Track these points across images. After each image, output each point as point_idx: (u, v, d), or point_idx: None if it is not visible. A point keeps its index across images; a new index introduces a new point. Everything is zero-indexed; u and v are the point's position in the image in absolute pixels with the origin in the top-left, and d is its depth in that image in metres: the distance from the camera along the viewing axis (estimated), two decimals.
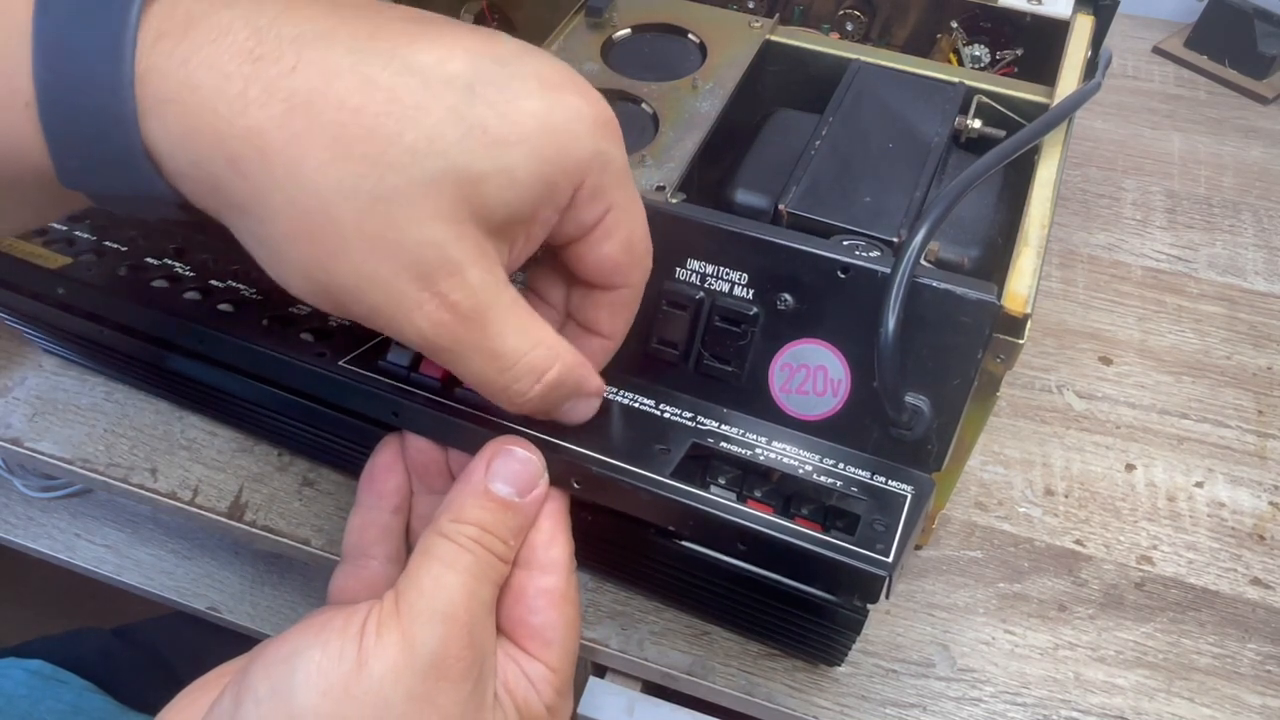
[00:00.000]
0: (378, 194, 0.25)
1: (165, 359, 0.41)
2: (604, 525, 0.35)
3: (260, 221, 0.25)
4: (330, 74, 0.24)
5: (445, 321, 0.26)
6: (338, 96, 0.24)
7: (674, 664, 0.41)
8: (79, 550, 0.63)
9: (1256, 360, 0.54)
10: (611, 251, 0.30)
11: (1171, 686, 0.41)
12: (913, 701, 0.41)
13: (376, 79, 0.25)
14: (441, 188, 0.25)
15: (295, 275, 0.26)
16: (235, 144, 0.24)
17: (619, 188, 0.29)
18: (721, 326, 0.35)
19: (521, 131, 0.26)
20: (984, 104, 0.43)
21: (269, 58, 0.24)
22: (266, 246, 0.26)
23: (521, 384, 0.29)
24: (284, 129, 0.24)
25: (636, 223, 0.30)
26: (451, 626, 0.28)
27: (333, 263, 0.25)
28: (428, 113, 0.25)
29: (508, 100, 0.26)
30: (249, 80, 0.24)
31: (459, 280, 0.26)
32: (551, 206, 0.28)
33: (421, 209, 0.25)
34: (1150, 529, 0.47)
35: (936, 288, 0.32)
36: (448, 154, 0.25)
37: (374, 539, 0.35)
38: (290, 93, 0.24)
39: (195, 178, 0.25)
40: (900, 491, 0.33)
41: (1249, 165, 0.66)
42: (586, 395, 0.32)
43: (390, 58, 0.25)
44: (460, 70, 0.26)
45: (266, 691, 0.27)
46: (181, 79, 0.24)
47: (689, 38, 0.46)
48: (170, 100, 0.24)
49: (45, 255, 0.42)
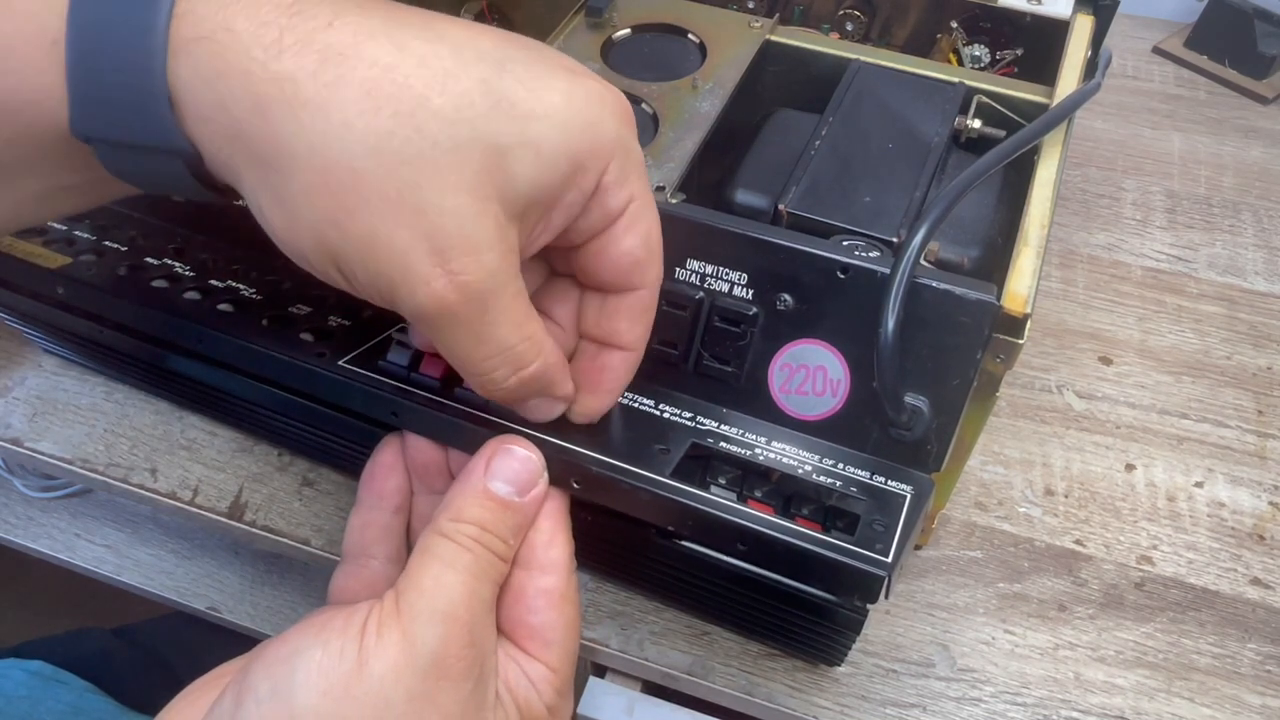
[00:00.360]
0: (403, 154, 0.25)
1: (165, 359, 0.41)
2: (604, 525, 0.35)
3: (279, 172, 0.25)
4: (365, 34, 0.25)
5: (449, 299, 0.26)
6: (371, 54, 0.25)
7: (674, 664, 0.41)
8: (79, 550, 0.63)
9: (1256, 360, 0.54)
10: (633, 246, 0.30)
11: (1171, 686, 0.41)
12: (913, 701, 0.41)
13: (409, 44, 0.25)
14: (468, 157, 0.25)
15: (305, 233, 0.26)
16: (265, 86, 0.24)
17: (639, 178, 0.29)
18: (721, 327, 0.35)
19: (549, 107, 0.26)
20: (984, 104, 0.43)
21: (307, 13, 0.25)
22: (280, 200, 0.26)
23: (499, 373, 0.29)
24: (315, 78, 0.24)
25: (654, 217, 0.30)
26: (452, 626, 0.28)
27: (348, 221, 0.25)
28: (457, 80, 0.25)
29: (535, 77, 0.26)
30: (285, 30, 0.24)
31: (475, 259, 0.26)
32: (577, 190, 0.28)
33: (446, 177, 0.25)
34: (1150, 529, 0.47)
35: (936, 288, 0.32)
36: (475, 123, 0.25)
37: (374, 539, 0.35)
38: (325, 45, 0.24)
39: (218, 122, 0.25)
40: (900, 492, 0.33)
41: (1249, 165, 0.66)
42: (554, 398, 0.32)
43: (423, 29, 0.26)
44: (490, 48, 0.26)
45: (267, 691, 0.27)
46: (219, 21, 0.24)
47: (689, 38, 0.46)
48: (204, 39, 0.24)
49: (45, 255, 0.42)
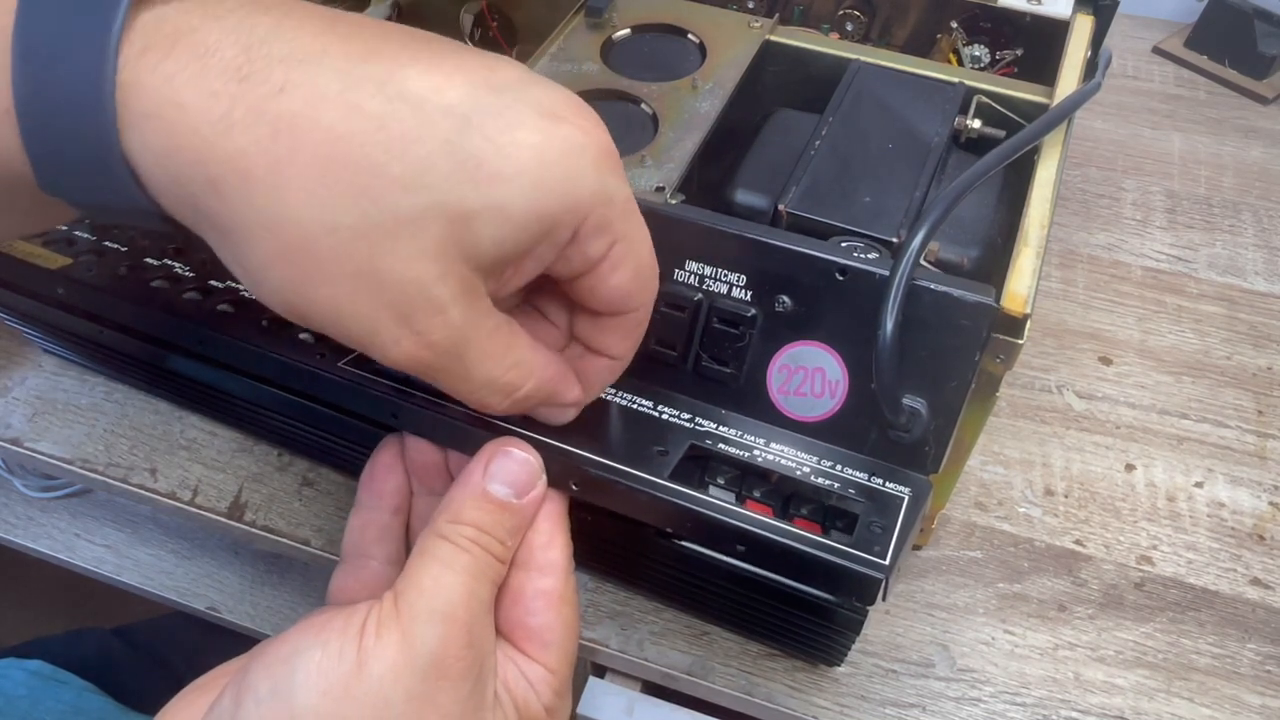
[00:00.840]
0: (360, 229, 0.24)
1: (165, 359, 0.41)
2: (603, 526, 0.35)
3: (239, 245, 0.25)
4: (318, 99, 0.24)
5: (422, 356, 0.26)
6: (325, 123, 0.24)
7: (674, 664, 0.41)
8: (79, 550, 0.63)
9: (1256, 360, 0.54)
10: (620, 282, 0.29)
11: (1171, 686, 0.41)
12: (912, 701, 0.41)
13: (365, 106, 0.24)
14: (427, 224, 0.24)
15: (273, 298, 0.26)
16: (216, 166, 0.24)
17: (623, 220, 0.28)
18: (720, 328, 0.35)
19: (517, 166, 0.25)
20: (984, 104, 0.43)
21: (256, 77, 0.23)
22: (245, 269, 0.26)
23: (492, 400, 0.29)
24: (267, 154, 0.23)
25: (643, 250, 0.29)
26: (451, 626, 0.28)
27: (311, 291, 0.25)
28: (419, 143, 0.24)
29: (503, 131, 0.25)
30: (234, 100, 0.23)
31: (440, 320, 0.26)
32: (549, 243, 0.27)
33: (406, 246, 0.24)
34: (1150, 529, 0.47)
35: (934, 290, 0.32)
36: (437, 188, 0.24)
37: (373, 539, 0.35)
38: (276, 116, 0.23)
39: (175, 195, 0.25)
40: (898, 493, 0.33)
41: (1249, 165, 0.66)
42: (562, 405, 0.32)
43: (383, 84, 0.24)
44: (457, 100, 0.25)
45: (267, 691, 0.27)
46: (166, 95, 0.23)
47: (689, 38, 0.46)
48: (152, 115, 0.23)
49: (45, 255, 0.43)
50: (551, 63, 0.45)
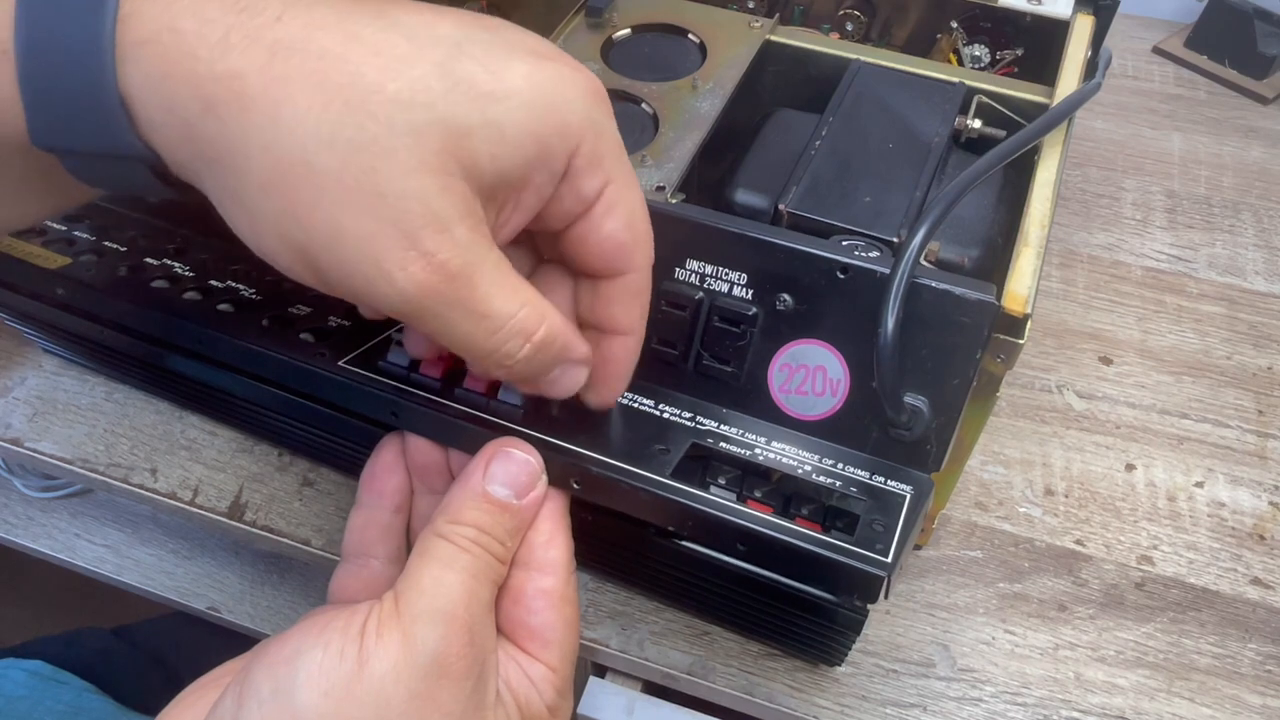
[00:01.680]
0: (358, 143, 0.24)
1: (165, 359, 0.41)
2: (604, 525, 0.35)
3: (234, 172, 0.25)
4: (315, 25, 0.24)
5: (431, 282, 0.25)
6: (321, 45, 0.24)
7: (674, 664, 0.41)
8: (79, 550, 0.63)
9: (1256, 360, 0.54)
10: (614, 230, 0.29)
11: (1172, 686, 0.41)
12: (913, 701, 0.41)
13: (361, 33, 0.25)
14: (426, 139, 0.24)
15: (269, 233, 0.25)
16: (213, 86, 0.24)
17: (615, 160, 0.28)
18: (721, 327, 0.35)
19: (510, 87, 0.25)
20: (984, 104, 0.43)
21: (254, 8, 0.24)
22: (240, 200, 0.25)
23: (511, 344, 0.28)
24: (264, 74, 0.24)
25: (636, 200, 0.29)
26: (451, 626, 0.28)
27: (309, 216, 0.25)
28: (412, 65, 0.25)
29: (495, 59, 0.26)
30: (232, 27, 0.24)
31: (446, 237, 0.25)
32: (545, 171, 0.27)
33: (405, 160, 0.24)
34: (1150, 529, 0.47)
35: (935, 288, 0.32)
36: (433, 105, 0.24)
37: (374, 539, 0.35)
38: (273, 40, 0.24)
39: (169, 125, 0.25)
40: (899, 492, 0.33)
41: (1249, 165, 0.66)
42: (574, 362, 0.31)
43: (377, 16, 0.25)
44: (448, 31, 0.26)
45: (269, 691, 0.27)
46: (164, 22, 0.24)
47: (689, 38, 0.46)
48: (149, 41, 0.24)
49: (45, 255, 0.42)
50: None
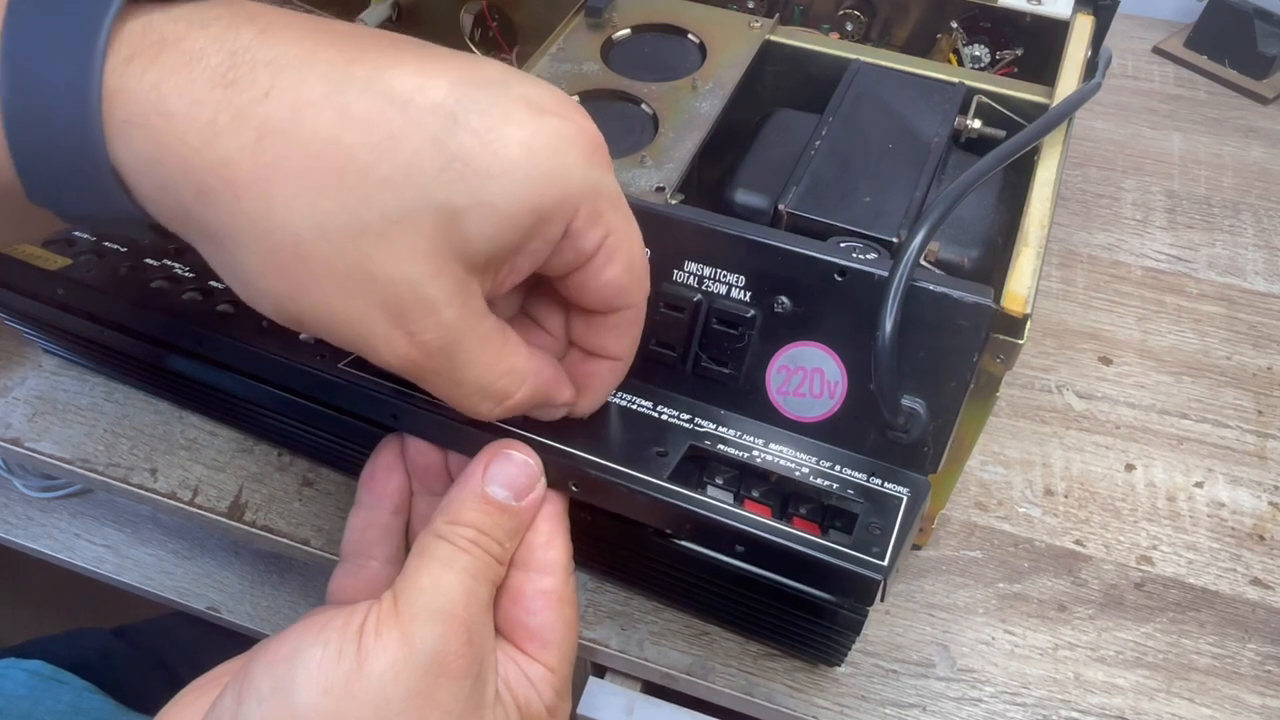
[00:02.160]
0: (350, 230, 0.24)
1: (165, 359, 0.41)
2: (603, 526, 0.35)
3: (229, 252, 0.25)
4: (304, 102, 0.24)
5: (414, 356, 0.26)
6: (311, 126, 0.24)
7: (674, 664, 0.41)
8: (79, 550, 0.63)
9: (1256, 360, 0.54)
10: (614, 276, 0.29)
11: (1171, 687, 0.41)
12: (913, 701, 0.41)
13: (351, 108, 0.24)
14: (418, 223, 0.24)
15: (264, 303, 0.26)
16: (204, 175, 0.24)
17: (614, 211, 0.28)
18: (719, 329, 0.35)
19: (506, 162, 0.25)
20: (984, 104, 0.43)
21: (242, 83, 0.23)
22: (237, 276, 0.26)
23: (484, 406, 0.29)
24: (254, 160, 0.23)
25: (634, 244, 0.29)
26: (450, 625, 0.28)
27: (303, 296, 0.25)
28: (405, 143, 0.24)
29: (491, 128, 0.25)
30: (220, 107, 0.23)
31: (433, 320, 0.26)
32: (541, 239, 0.27)
33: (397, 246, 0.24)
34: (1150, 529, 0.47)
35: (933, 291, 0.32)
36: (425, 187, 0.24)
37: (374, 539, 0.35)
38: (262, 121, 0.23)
39: (164, 203, 0.25)
40: (896, 494, 0.33)
41: (1249, 165, 0.66)
42: (556, 406, 0.32)
43: (367, 85, 0.24)
44: (442, 98, 0.25)
45: (269, 690, 0.27)
46: (152, 103, 0.23)
47: (689, 38, 0.46)
48: (139, 125, 0.23)
49: (45, 256, 0.43)
50: (551, 63, 0.45)
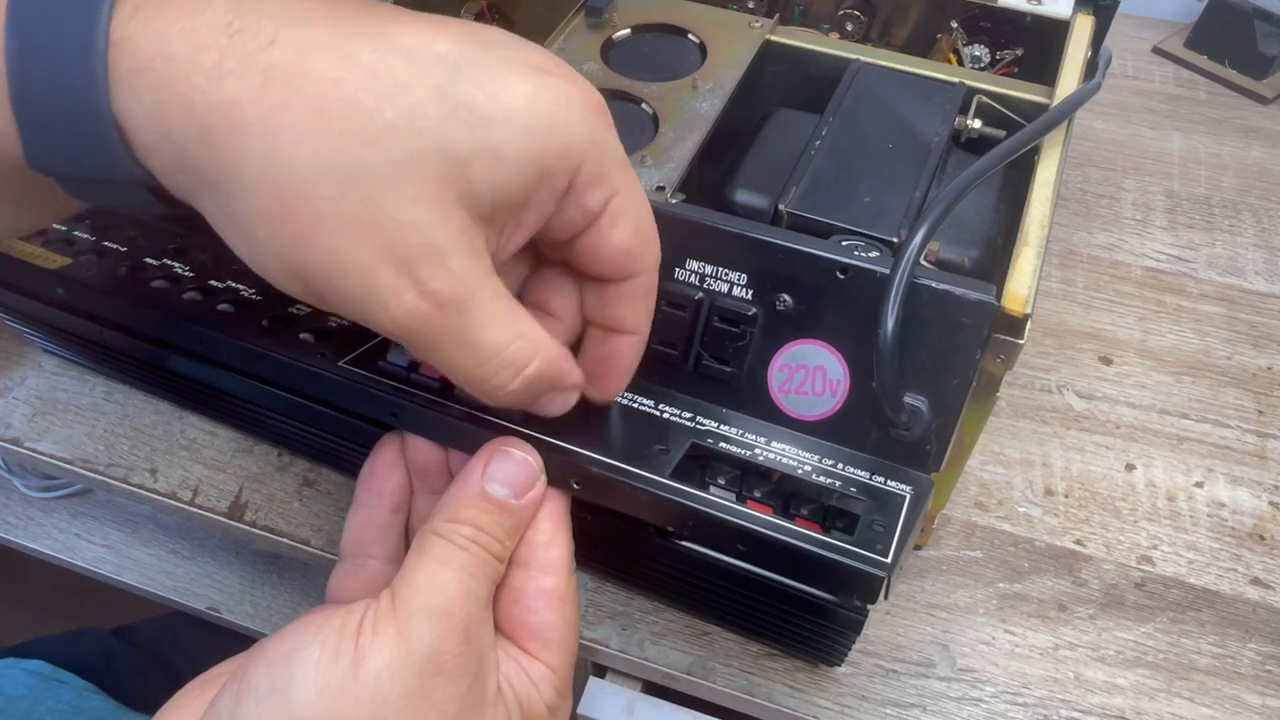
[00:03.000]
0: (356, 171, 0.24)
1: (165, 359, 0.41)
2: (604, 525, 0.35)
3: (231, 198, 0.25)
4: (310, 49, 0.24)
5: (423, 311, 0.25)
6: (317, 71, 0.24)
7: (674, 664, 0.41)
8: (79, 550, 0.63)
9: (1256, 360, 0.54)
10: (623, 238, 0.29)
11: (1171, 686, 0.41)
12: (913, 701, 0.41)
13: (357, 55, 0.24)
14: (424, 167, 0.24)
15: (267, 257, 0.25)
16: (208, 114, 0.23)
17: (619, 171, 0.28)
18: (720, 327, 0.35)
19: (509, 110, 0.25)
20: (984, 104, 0.43)
21: (247, 31, 0.24)
22: (237, 225, 0.25)
23: (500, 378, 0.28)
24: (259, 101, 0.23)
25: (642, 206, 0.29)
26: (447, 623, 0.28)
27: (306, 243, 0.25)
28: (409, 90, 0.24)
29: (495, 80, 0.25)
30: (225, 52, 0.23)
31: (441, 267, 0.25)
32: (546, 191, 0.27)
33: (403, 189, 0.24)
34: (1150, 529, 0.47)
35: (935, 288, 0.32)
36: (431, 132, 0.24)
37: (373, 538, 0.35)
38: (267, 66, 0.23)
39: (165, 152, 0.24)
40: (899, 492, 0.33)
41: (1249, 165, 0.66)
42: (565, 389, 0.31)
43: (373, 37, 0.25)
44: (446, 50, 0.25)
45: (266, 688, 0.27)
46: (156, 49, 0.23)
47: (689, 38, 0.46)
48: (143, 69, 0.23)
49: (45, 255, 0.42)
50: None
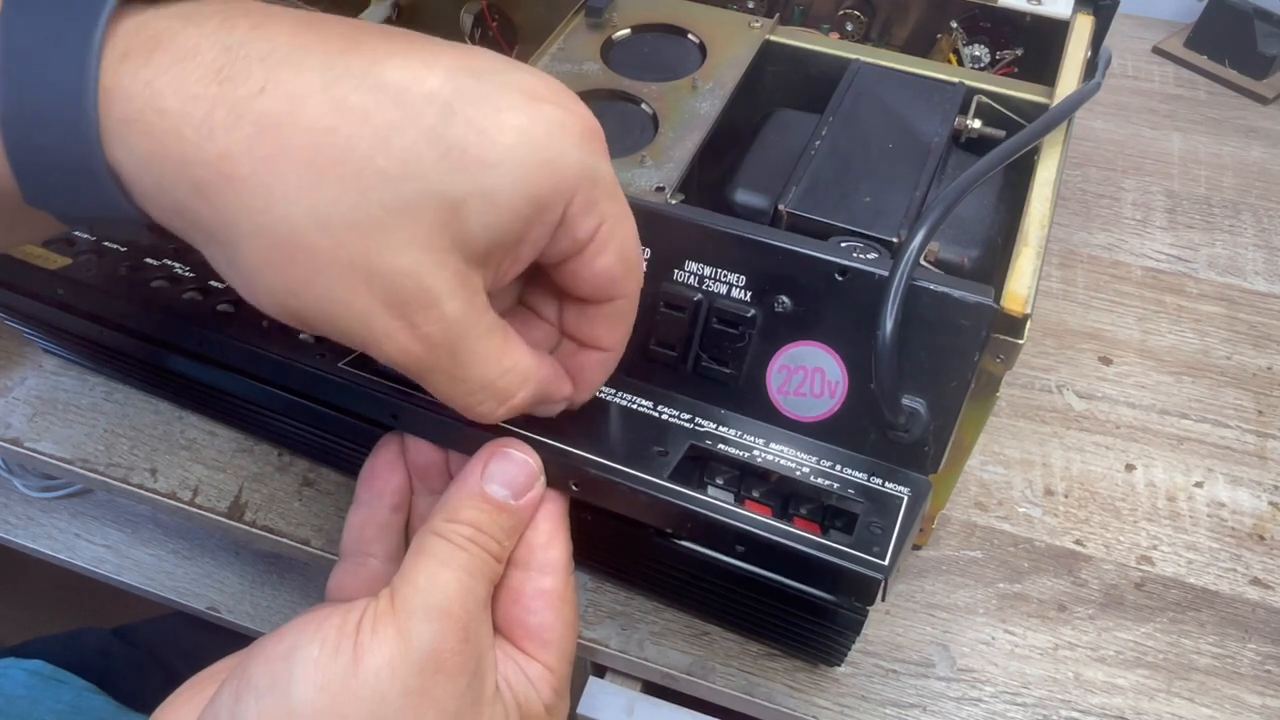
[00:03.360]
0: (351, 221, 0.24)
1: (165, 359, 0.41)
2: (603, 526, 0.35)
3: (228, 247, 0.25)
4: (300, 95, 0.24)
5: (416, 351, 0.26)
6: (308, 118, 0.24)
7: (674, 664, 0.41)
8: (79, 550, 0.63)
9: (1256, 360, 0.54)
10: (607, 265, 0.29)
11: (1171, 686, 0.41)
12: (913, 701, 0.41)
13: (348, 99, 0.24)
14: (419, 213, 0.24)
15: (266, 300, 0.26)
16: (201, 170, 0.23)
17: (609, 200, 0.28)
18: (719, 328, 0.35)
19: (502, 150, 0.25)
20: (984, 104, 0.43)
21: (237, 78, 0.23)
22: (236, 270, 0.26)
23: (486, 406, 0.29)
24: (252, 154, 0.23)
25: (628, 233, 0.29)
26: (446, 622, 0.28)
27: (304, 290, 0.25)
28: (402, 134, 0.24)
29: (487, 116, 0.25)
30: (215, 102, 0.23)
31: (435, 312, 0.25)
32: (540, 226, 0.27)
33: (397, 236, 0.24)
34: (1150, 529, 0.47)
35: (934, 290, 0.32)
36: (424, 177, 0.24)
37: (372, 537, 0.35)
38: (259, 115, 0.23)
39: (161, 201, 0.24)
40: (897, 494, 0.33)
41: (1249, 165, 0.66)
42: (555, 403, 0.32)
43: (363, 77, 0.24)
44: (437, 87, 0.25)
45: (266, 686, 0.27)
46: (146, 100, 0.23)
47: (689, 38, 0.46)
48: (134, 121, 0.23)
49: (45, 256, 0.43)
50: (551, 63, 0.45)
